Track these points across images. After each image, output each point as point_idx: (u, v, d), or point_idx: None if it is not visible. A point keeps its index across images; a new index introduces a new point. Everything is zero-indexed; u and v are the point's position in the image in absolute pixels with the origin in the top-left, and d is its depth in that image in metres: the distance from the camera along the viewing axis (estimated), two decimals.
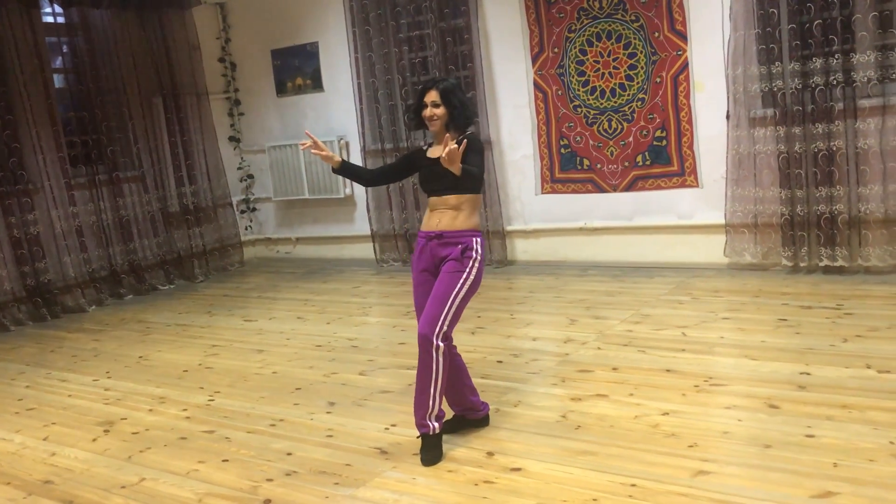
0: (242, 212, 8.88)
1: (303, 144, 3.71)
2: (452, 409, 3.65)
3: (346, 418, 3.99)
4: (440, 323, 3.30)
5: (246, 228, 8.93)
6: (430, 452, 3.38)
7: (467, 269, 3.37)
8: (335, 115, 8.09)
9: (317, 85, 8.19)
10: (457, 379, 3.53)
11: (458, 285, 3.34)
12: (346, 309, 6.36)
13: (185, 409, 4.36)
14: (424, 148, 3.65)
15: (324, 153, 3.61)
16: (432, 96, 3.45)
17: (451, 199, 3.45)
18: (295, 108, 8.39)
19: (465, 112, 3.48)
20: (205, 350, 5.53)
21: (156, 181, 7.92)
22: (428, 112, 3.46)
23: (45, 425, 4.30)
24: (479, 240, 3.45)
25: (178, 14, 8.04)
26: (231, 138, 8.79)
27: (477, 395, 3.65)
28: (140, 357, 5.52)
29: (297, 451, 3.65)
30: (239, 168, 8.84)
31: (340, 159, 3.67)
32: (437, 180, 3.45)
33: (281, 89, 8.45)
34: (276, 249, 9.01)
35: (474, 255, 3.40)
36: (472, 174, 3.37)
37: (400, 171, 3.84)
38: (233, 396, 4.50)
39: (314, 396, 4.36)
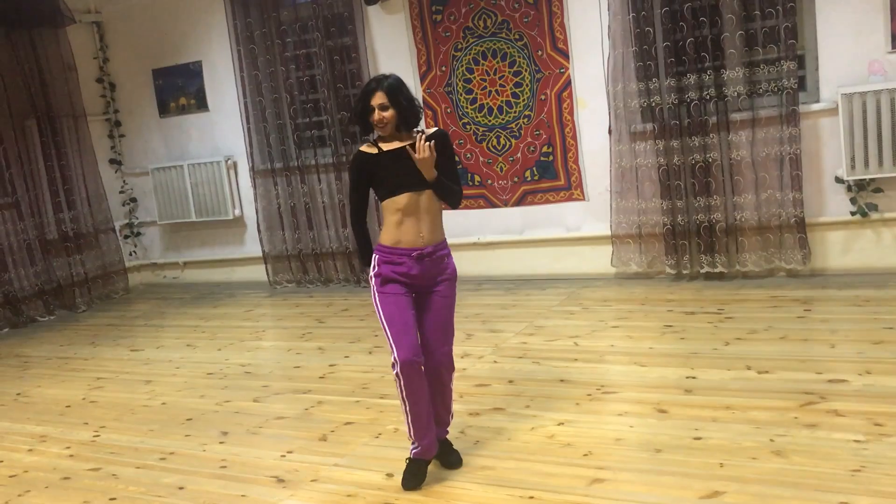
0: (126, 237, 8.55)
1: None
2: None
3: (240, 447, 3.89)
4: (451, 341, 3.45)
5: (130, 254, 8.60)
6: (453, 456, 3.41)
7: (454, 292, 3.44)
8: (221, 135, 7.91)
9: (201, 105, 7.99)
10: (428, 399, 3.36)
11: (453, 309, 3.45)
12: (238, 334, 6.20)
13: (68, 447, 4.15)
14: (369, 148, 3.28)
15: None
16: (379, 98, 3.17)
17: (428, 196, 3.24)
18: (179, 129, 8.16)
19: (413, 109, 3.24)
20: (89, 383, 5.28)
21: (31, 208, 7.54)
22: (377, 116, 3.18)
23: None
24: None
25: (51, 33, 7.69)
26: (112, 161, 8.47)
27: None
28: (18, 394, 5.22)
29: (189, 484, 3.53)
30: (121, 192, 8.52)
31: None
32: (409, 174, 3.20)
33: (164, 109, 8.20)
34: (162, 275, 8.71)
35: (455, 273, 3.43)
36: (456, 193, 3.30)
37: (367, 195, 3.36)
38: (120, 431, 4.31)
39: (206, 426, 4.23)
